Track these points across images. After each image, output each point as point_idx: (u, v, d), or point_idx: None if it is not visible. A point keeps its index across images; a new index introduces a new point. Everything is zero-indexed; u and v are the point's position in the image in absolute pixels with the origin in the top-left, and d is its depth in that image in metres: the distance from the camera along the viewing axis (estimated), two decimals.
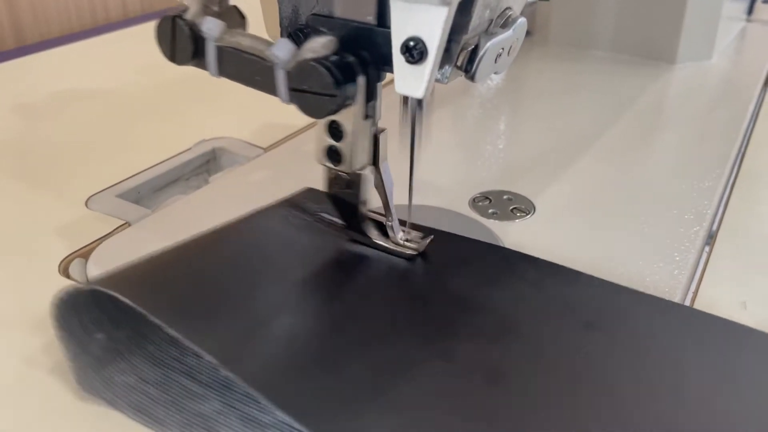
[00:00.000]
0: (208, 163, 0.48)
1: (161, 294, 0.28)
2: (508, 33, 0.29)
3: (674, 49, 0.63)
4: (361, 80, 0.28)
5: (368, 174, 0.32)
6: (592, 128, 0.51)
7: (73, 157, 0.47)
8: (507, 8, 0.29)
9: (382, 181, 0.32)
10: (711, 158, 0.46)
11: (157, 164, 0.45)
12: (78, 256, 0.36)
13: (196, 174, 0.47)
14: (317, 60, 0.27)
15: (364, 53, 0.28)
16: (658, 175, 0.44)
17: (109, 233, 0.38)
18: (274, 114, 0.52)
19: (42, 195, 0.42)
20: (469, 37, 0.27)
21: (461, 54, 0.27)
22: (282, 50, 0.28)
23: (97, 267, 0.35)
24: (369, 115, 0.30)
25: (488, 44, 0.27)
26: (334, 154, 0.31)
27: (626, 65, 0.63)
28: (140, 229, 0.38)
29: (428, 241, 0.33)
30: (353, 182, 0.32)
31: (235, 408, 0.27)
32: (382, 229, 0.33)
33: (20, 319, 0.32)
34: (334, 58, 0.28)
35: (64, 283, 0.33)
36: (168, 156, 0.46)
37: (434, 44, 0.25)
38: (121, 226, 0.38)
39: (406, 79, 0.26)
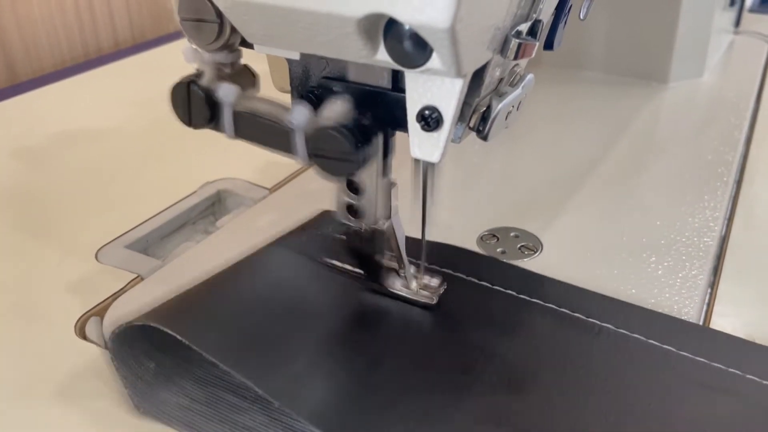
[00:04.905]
0: (213, 206, 0.48)
1: (205, 327, 0.31)
2: (517, 91, 0.29)
3: (666, 68, 0.64)
4: (378, 140, 0.29)
5: (385, 228, 0.33)
6: (591, 156, 0.51)
7: (79, 205, 0.47)
8: (515, 65, 0.30)
9: (394, 233, 0.33)
10: (713, 180, 0.47)
11: (163, 210, 0.45)
12: (93, 315, 0.36)
13: (203, 217, 0.47)
14: (335, 128, 0.28)
15: (378, 112, 0.29)
16: (659, 201, 0.45)
17: (122, 288, 0.38)
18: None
19: (51, 249, 0.42)
20: (480, 99, 0.28)
21: (474, 115, 0.28)
22: (299, 117, 0.28)
23: (113, 326, 0.34)
24: (386, 172, 0.31)
25: (500, 106, 0.28)
26: (353, 211, 0.32)
27: (619, 86, 0.64)
28: (153, 284, 0.38)
29: (442, 290, 0.34)
30: (373, 236, 0.33)
31: (279, 420, 0.29)
32: (398, 278, 0.34)
33: (41, 388, 0.32)
34: (350, 121, 0.28)
35: (82, 346, 0.34)
36: (173, 200, 0.46)
37: (450, 113, 0.25)
38: (133, 280, 0.38)
39: (422, 146, 0.27)
